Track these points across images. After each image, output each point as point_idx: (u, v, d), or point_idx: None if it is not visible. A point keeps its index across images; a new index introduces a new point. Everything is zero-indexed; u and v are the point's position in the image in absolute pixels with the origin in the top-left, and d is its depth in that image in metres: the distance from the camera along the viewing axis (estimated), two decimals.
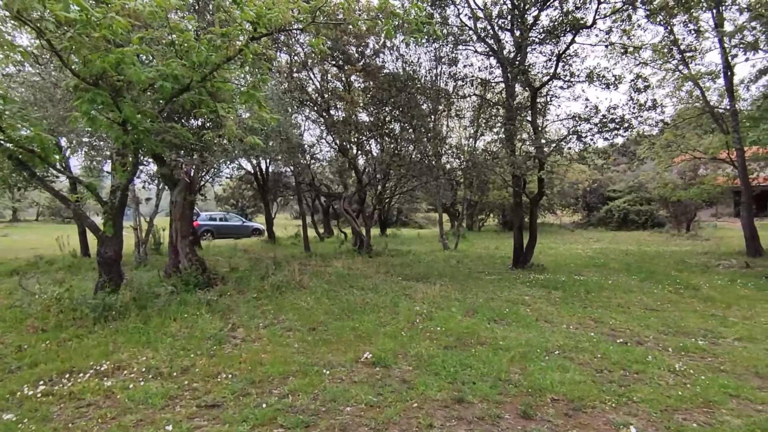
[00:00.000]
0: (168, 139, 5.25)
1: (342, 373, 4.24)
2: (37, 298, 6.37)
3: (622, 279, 9.42)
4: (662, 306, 6.92)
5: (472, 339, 5.22)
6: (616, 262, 12.23)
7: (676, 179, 22.07)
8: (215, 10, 4.41)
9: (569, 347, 4.90)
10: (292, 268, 9.35)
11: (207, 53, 4.10)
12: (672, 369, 4.19)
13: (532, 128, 9.61)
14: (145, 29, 3.79)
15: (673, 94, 16.45)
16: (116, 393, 3.70)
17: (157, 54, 4.12)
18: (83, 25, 2.86)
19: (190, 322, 5.74)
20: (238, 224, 25.16)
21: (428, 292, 7.89)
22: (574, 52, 9.32)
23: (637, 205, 28.22)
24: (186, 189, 7.90)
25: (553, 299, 7.46)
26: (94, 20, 2.89)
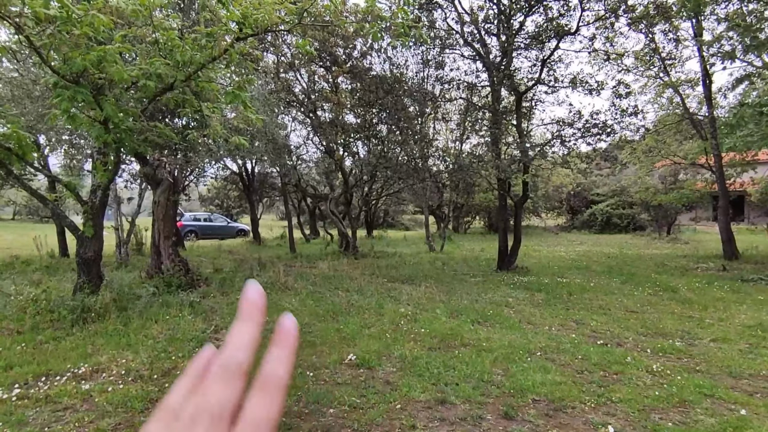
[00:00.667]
0: (151, 139, 5.17)
1: (326, 374, 4.23)
2: (12, 300, 6.22)
3: (604, 281, 9.59)
4: (642, 308, 7.07)
5: (456, 340, 5.26)
6: (598, 265, 12.44)
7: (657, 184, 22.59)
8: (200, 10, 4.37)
9: (551, 349, 4.97)
10: (277, 270, 9.29)
11: (192, 52, 4.06)
12: (650, 370, 4.28)
13: (517, 132, 9.73)
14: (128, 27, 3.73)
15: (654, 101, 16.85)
16: (94, 396, 3.63)
17: (141, 52, 4.06)
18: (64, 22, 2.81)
19: (172, 324, 5.66)
20: (222, 225, 24.88)
21: (413, 294, 7.92)
22: (559, 58, 9.50)
23: (619, 209, 28.77)
24: (169, 189, 7.79)
25: (536, 301, 7.55)
26: (75, 17, 2.84)
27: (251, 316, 0.43)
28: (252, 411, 0.38)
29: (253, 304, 0.44)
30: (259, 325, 0.43)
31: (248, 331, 0.42)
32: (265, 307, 0.45)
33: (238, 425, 0.37)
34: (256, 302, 0.44)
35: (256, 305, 0.44)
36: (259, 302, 0.44)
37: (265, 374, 0.41)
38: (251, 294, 0.44)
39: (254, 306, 0.44)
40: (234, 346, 0.42)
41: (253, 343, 0.42)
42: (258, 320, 0.43)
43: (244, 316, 0.43)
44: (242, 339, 0.42)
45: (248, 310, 0.43)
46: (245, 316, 0.43)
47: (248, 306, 0.43)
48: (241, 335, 0.42)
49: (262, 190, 21.93)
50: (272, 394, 0.40)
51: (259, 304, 0.44)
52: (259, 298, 0.44)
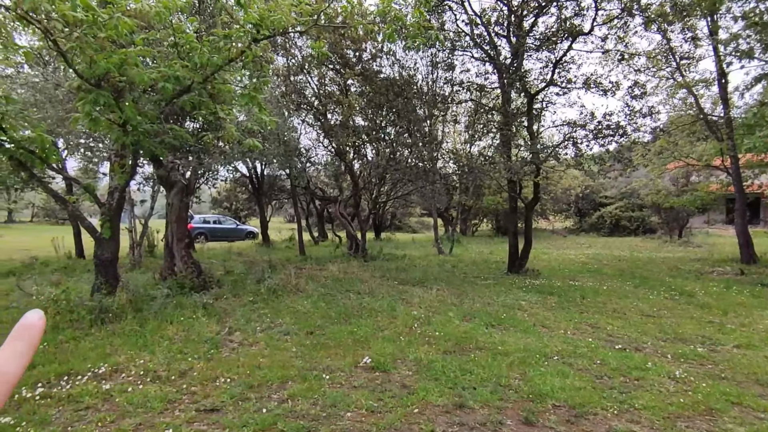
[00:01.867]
0: (167, 141, 5.21)
1: (341, 378, 4.21)
2: (34, 300, 6.29)
3: (617, 285, 9.47)
4: (658, 312, 6.97)
5: (471, 344, 5.22)
6: (609, 268, 12.31)
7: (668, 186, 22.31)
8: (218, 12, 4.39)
9: (568, 353, 4.91)
10: (287, 272, 9.30)
11: (209, 54, 4.09)
12: (672, 376, 4.21)
13: (528, 134, 9.66)
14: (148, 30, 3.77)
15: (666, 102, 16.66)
16: (115, 396, 3.64)
17: (160, 55, 4.09)
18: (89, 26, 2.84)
19: (187, 326, 5.68)
20: (231, 227, 25.02)
21: (425, 297, 7.88)
22: (571, 59, 9.43)
23: (628, 212, 28.49)
24: (182, 191, 7.84)
25: (549, 304, 7.48)
26: (101, 21, 2.87)
27: (25, 336, 0.47)
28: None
29: (29, 325, 0.47)
30: (32, 343, 0.47)
31: (19, 347, 0.46)
32: (42, 329, 0.49)
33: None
34: (34, 324, 0.47)
35: (32, 327, 0.47)
36: (36, 324, 0.48)
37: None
38: (31, 317, 0.48)
39: (30, 327, 0.47)
40: (1, 358, 0.44)
41: (21, 357, 0.46)
42: (31, 340, 0.47)
43: (17, 336, 0.47)
44: (9, 352, 0.45)
45: (22, 331, 0.47)
46: (18, 335, 0.47)
47: (23, 327, 0.47)
48: (10, 349, 0.45)
49: (271, 193, 22.04)
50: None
51: (36, 326, 0.48)
52: (37, 321, 0.48)
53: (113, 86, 4.01)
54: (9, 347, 0.45)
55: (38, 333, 0.47)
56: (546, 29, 9.43)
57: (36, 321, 0.48)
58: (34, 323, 0.47)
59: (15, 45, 3.75)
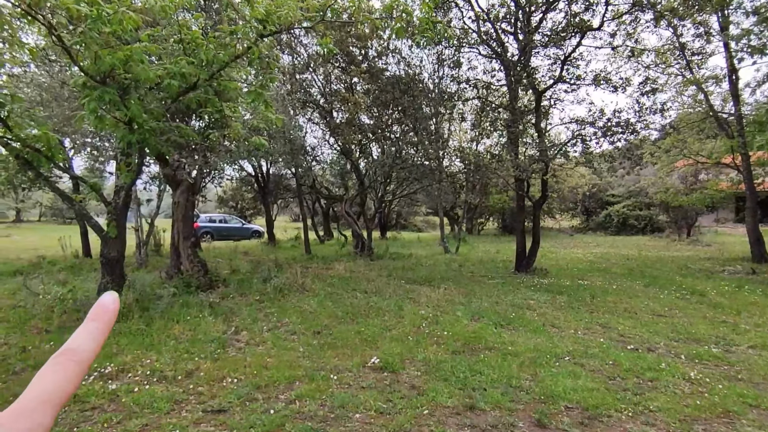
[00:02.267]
0: (173, 139, 5.17)
1: (349, 378, 4.16)
2: (41, 299, 6.29)
3: (626, 284, 9.35)
4: (670, 312, 6.85)
5: (480, 344, 5.14)
6: (618, 267, 12.17)
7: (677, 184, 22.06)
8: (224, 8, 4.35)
9: (579, 353, 4.83)
10: (294, 271, 9.27)
11: (215, 51, 4.04)
12: (687, 377, 4.12)
13: (536, 131, 9.55)
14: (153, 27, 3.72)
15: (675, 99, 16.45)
16: (121, 396, 3.61)
17: (165, 52, 4.05)
18: (94, 21, 2.80)
19: (193, 325, 5.65)
20: (237, 226, 25.08)
21: (432, 296, 7.81)
22: (580, 55, 9.29)
23: (636, 210, 28.23)
24: (188, 190, 7.82)
25: (558, 304, 7.38)
26: (105, 15, 2.83)
27: (100, 317, 0.47)
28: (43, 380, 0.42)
29: (104, 306, 0.48)
30: (107, 324, 0.48)
31: (93, 327, 0.46)
32: (116, 311, 0.49)
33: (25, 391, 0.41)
34: (108, 306, 0.48)
35: (106, 308, 0.48)
36: (111, 307, 0.48)
37: (67, 346, 0.45)
38: (105, 299, 0.49)
39: (105, 309, 0.48)
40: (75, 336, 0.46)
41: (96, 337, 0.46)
42: (105, 321, 0.48)
43: (93, 317, 0.47)
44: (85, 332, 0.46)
45: (98, 312, 0.48)
46: (93, 316, 0.48)
47: (99, 308, 0.48)
48: (86, 330, 0.46)
49: (276, 192, 22.03)
50: (69, 367, 0.43)
51: (110, 308, 0.48)
52: (111, 303, 0.49)
53: (119, 83, 3.98)
54: (85, 327, 0.46)
55: (112, 314, 0.49)
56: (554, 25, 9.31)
57: (110, 303, 0.49)
58: (108, 305, 0.48)
59: (20, 42, 3.73)
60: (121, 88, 4.02)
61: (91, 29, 2.82)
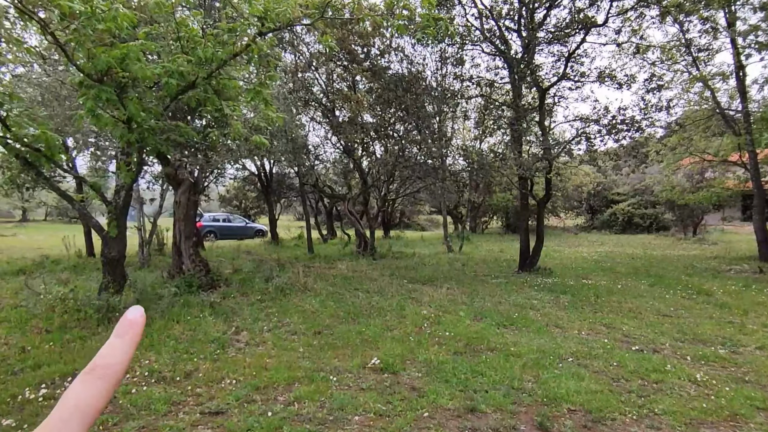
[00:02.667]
0: (173, 138, 5.14)
1: (349, 379, 4.12)
2: (42, 299, 6.28)
3: (631, 283, 9.25)
4: (676, 312, 6.76)
5: (482, 345, 5.09)
6: (623, 266, 12.05)
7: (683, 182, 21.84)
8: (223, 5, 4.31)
9: (582, 354, 4.76)
10: (296, 270, 9.24)
11: (213, 49, 4.00)
12: (693, 379, 4.04)
13: (540, 129, 9.46)
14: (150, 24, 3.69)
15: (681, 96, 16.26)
16: (118, 398, 3.58)
17: (163, 50, 4.01)
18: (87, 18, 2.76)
19: (194, 325, 5.63)
20: (241, 225, 25.09)
21: (435, 296, 7.76)
22: (584, 52, 9.18)
23: (641, 209, 28.01)
24: (190, 189, 7.80)
25: (562, 304, 7.31)
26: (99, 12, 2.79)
27: (126, 332, 0.47)
28: (74, 396, 0.42)
29: (130, 322, 0.47)
30: (134, 339, 0.47)
31: (120, 343, 0.46)
32: (143, 325, 0.49)
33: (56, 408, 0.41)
34: (135, 321, 0.48)
35: (133, 323, 0.47)
36: (138, 321, 0.48)
37: (95, 362, 0.44)
38: (131, 314, 0.48)
39: (131, 324, 0.47)
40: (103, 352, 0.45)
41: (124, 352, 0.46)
42: (133, 336, 0.47)
43: (119, 332, 0.47)
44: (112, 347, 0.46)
45: (124, 327, 0.47)
46: (120, 332, 0.47)
47: (125, 323, 0.47)
48: (113, 346, 0.46)
49: (280, 191, 22.02)
50: (99, 383, 0.43)
51: (136, 323, 0.48)
52: (138, 318, 0.48)
53: (117, 82, 3.94)
54: (112, 342, 0.46)
55: (139, 329, 0.48)
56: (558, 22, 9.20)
57: (137, 317, 0.49)
58: (135, 319, 0.48)
59: (17, 40, 3.70)
60: (118, 86, 3.99)
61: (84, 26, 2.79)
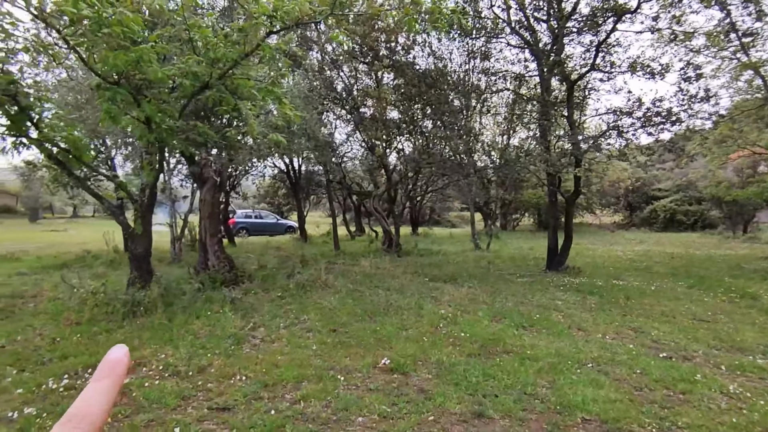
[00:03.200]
0: (192, 137, 5.27)
1: (358, 379, 4.09)
2: (75, 292, 6.62)
3: (667, 285, 8.75)
4: (714, 316, 6.33)
5: (498, 347, 4.93)
6: (660, 266, 11.44)
7: (731, 177, 20.50)
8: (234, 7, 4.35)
9: (604, 360, 4.52)
10: (318, 267, 9.31)
11: (225, 49, 4.04)
12: (725, 390, 3.75)
13: (569, 123, 9.07)
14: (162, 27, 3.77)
15: (729, 85, 15.20)
16: (133, 390, 3.71)
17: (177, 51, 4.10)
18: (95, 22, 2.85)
19: (213, 321, 5.76)
20: (272, 222, 25.61)
21: (455, 295, 7.62)
22: (616, 41, 8.68)
23: (685, 205, 26.51)
24: (214, 187, 8.00)
25: (588, 305, 7.00)
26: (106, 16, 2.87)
27: (108, 375, 0.44)
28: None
29: (112, 363, 0.45)
30: (116, 383, 0.44)
31: (100, 388, 0.43)
32: (127, 366, 0.46)
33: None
34: (118, 361, 0.45)
35: (116, 364, 0.45)
36: (121, 361, 0.46)
37: (71, 412, 0.41)
38: (113, 354, 0.46)
39: (113, 365, 0.45)
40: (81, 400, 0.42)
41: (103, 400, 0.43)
42: (115, 379, 0.44)
43: (100, 375, 0.44)
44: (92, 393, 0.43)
45: (105, 370, 0.44)
46: (101, 375, 0.44)
47: (107, 365, 0.45)
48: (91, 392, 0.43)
49: (308, 188, 22.30)
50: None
51: (120, 363, 0.45)
52: (121, 358, 0.46)
53: (134, 84, 4.07)
54: (92, 387, 0.44)
55: (122, 369, 0.46)
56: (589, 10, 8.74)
57: (120, 357, 0.46)
58: (118, 359, 0.46)
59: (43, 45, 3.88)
60: (135, 88, 4.11)
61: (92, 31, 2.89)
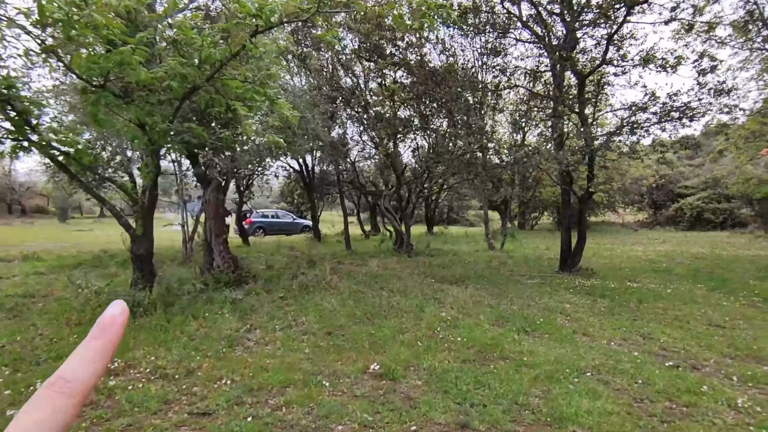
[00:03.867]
0: (187, 140, 5.27)
1: (345, 384, 3.99)
2: (81, 292, 6.75)
3: (685, 287, 8.35)
4: (732, 322, 5.98)
5: (495, 352, 4.76)
6: (681, 267, 10.97)
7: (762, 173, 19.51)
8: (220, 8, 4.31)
9: (606, 368, 4.30)
10: (323, 268, 9.27)
11: (208, 50, 4.00)
12: (732, 404, 3.50)
13: (580, 120, 8.74)
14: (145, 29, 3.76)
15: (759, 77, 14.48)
16: (117, 393, 3.71)
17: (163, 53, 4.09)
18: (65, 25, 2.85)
19: (210, 322, 5.77)
20: (288, 221, 25.81)
21: (459, 297, 7.44)
22: (630, 34, 8.28)
23: (713, 203, 25.43)
24: (218, 188, 8.04)
25: (597, 309, 6.73)
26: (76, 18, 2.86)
27: (103, 334, 0.42)
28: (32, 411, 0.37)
29: (108, 320, 0.42)
30: (111, 342, 0.42)
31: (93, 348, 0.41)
32: (123, 323, 0.43)
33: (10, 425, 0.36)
34: (114, 319, 0.43)
35: (112, 321, 0.42)
36: (118, 319, 0.43)
37: (58, 374, 0.39)
38: (111, 311, 0.43)
39: (110, 323, 0.42)
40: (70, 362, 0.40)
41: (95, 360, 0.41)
42: (110, 337, 0.42)
43: (95, 334, 0.42)
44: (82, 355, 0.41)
45: (101, 327, 0.42)
46: (96, 333, 0.42)
47: (102, 322, 0.42)
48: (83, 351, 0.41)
49: (322, 187, 22.37)
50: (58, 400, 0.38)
51: (116, 321, 0.43)
52: (119, 315, 0.43)
53: (121, 87, 4.07)
54: (84, 349, 0.42)
55: (119, 328, 0.43)
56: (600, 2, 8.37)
57: (117, 314, 0.43)
58: (113, 318, 0.43)
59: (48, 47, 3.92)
60: (124, 91, 4.11)
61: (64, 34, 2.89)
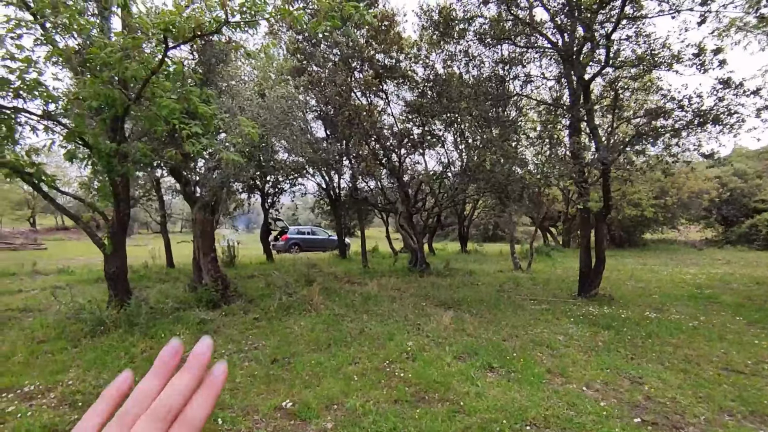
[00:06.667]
0: (137, 159, 5.27)
1: (249, 422, 3.63)
2: (59, 310, 6.95)
3: (720, 320, 7.12)
4: (755, 367, 4.90)
5: (438, 392, 4.18)
6: (731, 294, 9.50)
7: None
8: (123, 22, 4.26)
9: (558, 420, 3.59)
10: (312, 288, 8.99)
11: (121, 67, 3.92)
12: None
13: (589, 129, 7.86)
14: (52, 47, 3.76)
15: None
16: (9, 420, 3.60)
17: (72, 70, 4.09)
18: None
19: (163, 342, 5.62)
20: (323, 237, 26.02)
21: (442, 323, 6.82)
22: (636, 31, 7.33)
23: None
24: (205, 207, 8.08)
25: (594, 343, 5.83)
26: None
27: (196, 367, 0.45)
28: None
29: (198, 356, 0.46)
30: (200, 377, 0.45)
31: (187, 380, 0.44)
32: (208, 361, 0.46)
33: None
34: (203, 355, 0.46)
35: (201, 358, 0.46)
36: (205, 356, 0.46)
37: (185, 415, 0.43)
38: (200, 348, 0.46)
39: (199, 359, 0.46)
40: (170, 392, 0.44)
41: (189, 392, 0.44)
42: (200, 373, 0.45)
43: (190, 366, 0.45)
44: (179, 386, 0.44)
45: (194, 362, 0.46)
46: (191, 366, 0.45)
47: (194, 358, 0.46)
48: (180, 383, 0.44)
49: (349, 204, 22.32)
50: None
51: (203, 358, 0.46)
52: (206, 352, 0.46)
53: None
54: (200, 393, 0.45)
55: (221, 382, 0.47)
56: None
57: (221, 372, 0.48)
58: (219, 375, 0.47)
59: None
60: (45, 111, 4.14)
61: None
